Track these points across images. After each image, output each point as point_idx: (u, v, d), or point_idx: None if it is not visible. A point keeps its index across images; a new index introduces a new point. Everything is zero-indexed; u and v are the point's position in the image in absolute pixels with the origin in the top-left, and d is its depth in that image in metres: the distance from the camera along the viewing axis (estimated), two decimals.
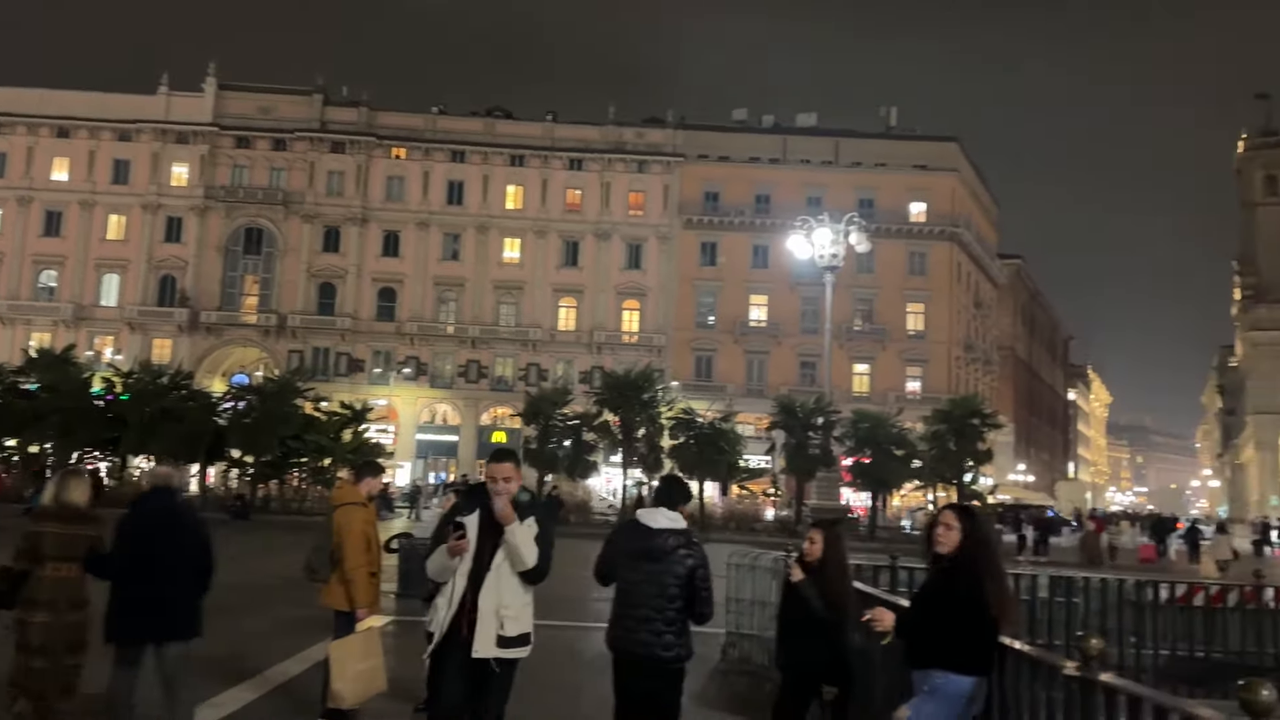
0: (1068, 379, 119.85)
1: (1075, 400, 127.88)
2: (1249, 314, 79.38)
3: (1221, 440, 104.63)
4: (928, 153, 65.45)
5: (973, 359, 67.84)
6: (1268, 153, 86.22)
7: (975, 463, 37.63)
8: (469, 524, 4.74)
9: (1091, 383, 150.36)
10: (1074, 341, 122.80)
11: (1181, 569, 31.82)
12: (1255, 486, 77.85)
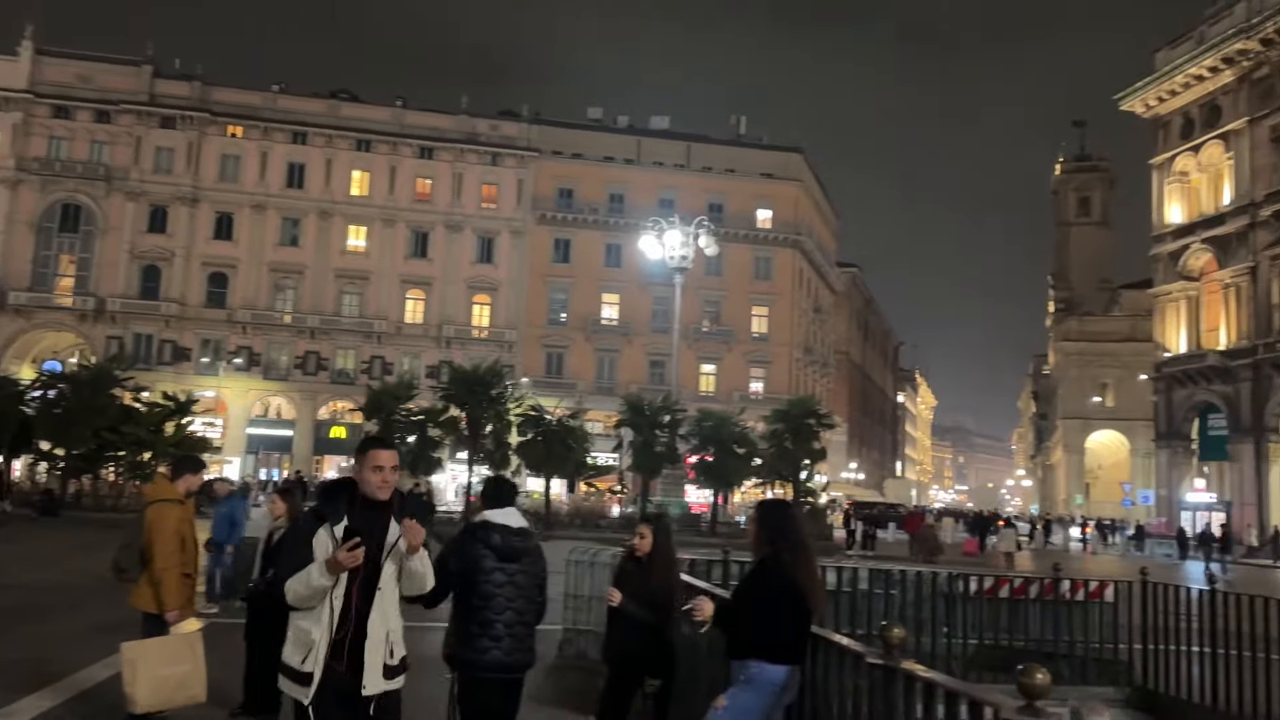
0: (897, 382, 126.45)
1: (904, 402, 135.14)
2: (1061, 325, 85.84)
3: (1034, 442, 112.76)
4: (774, 162, 67.61)
5: (811, 361, 70.51)
6: (1080, 176, 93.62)
7: (811, 461, 39.04)
8: (339, 532, 3.82)
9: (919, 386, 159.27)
10: (904, 347, 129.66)
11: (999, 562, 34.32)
12: (1063, 486, 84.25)
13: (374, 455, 3.93)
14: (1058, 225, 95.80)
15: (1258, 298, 43.88)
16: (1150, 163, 51.77)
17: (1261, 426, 42.88)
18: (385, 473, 3.91)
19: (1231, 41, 45.20)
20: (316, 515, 3.94)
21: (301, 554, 3.82)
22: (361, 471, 3.94)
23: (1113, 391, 77.94)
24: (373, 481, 3.90)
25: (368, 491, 3.91)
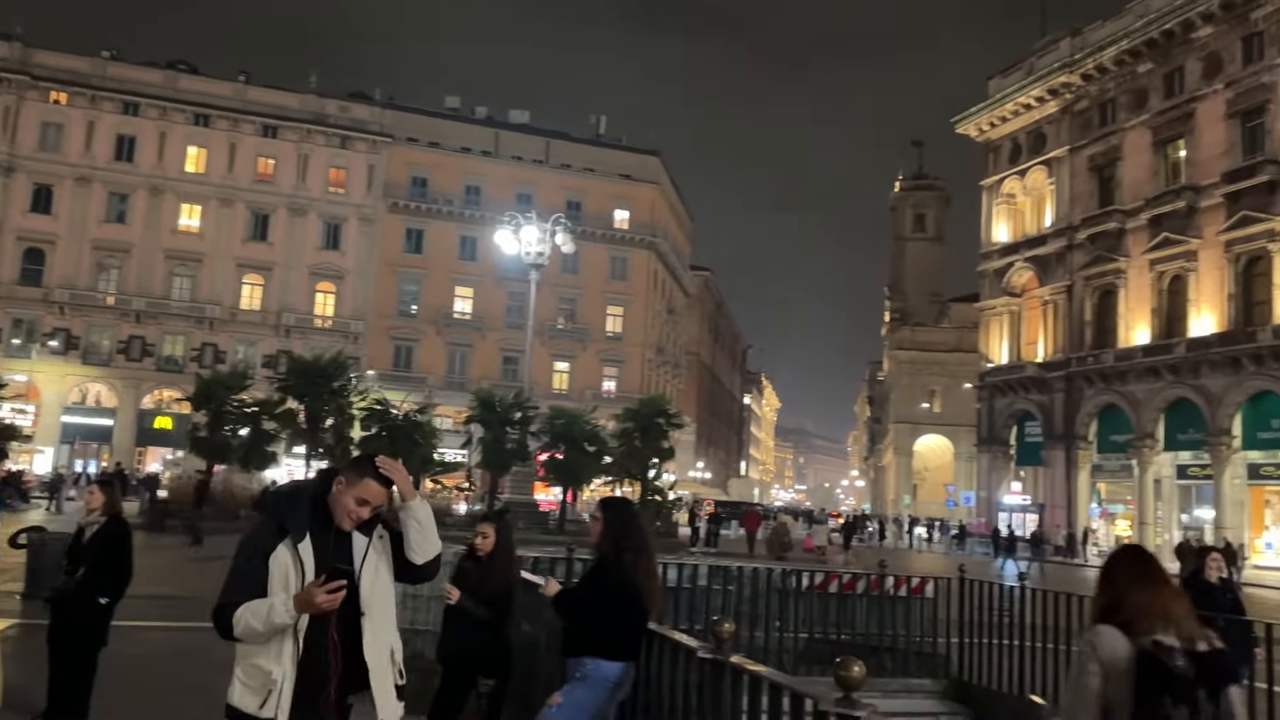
0: (744, 384, 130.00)
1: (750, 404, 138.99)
2: (895, 334, 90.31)
3: (868, 445, 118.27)
4: (632, 164, 68.23)
5: (663, 362, 71.56)
6: (917, 194, 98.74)
7: (659, 459, 39.58)
8: (305, 554, 3.25)
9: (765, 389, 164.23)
10: (752, 350, 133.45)
11: (837, 558, 35.94)
12: (892, 486, 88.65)
13: (366, 487, 3.34)
14: (895, 240, 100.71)
15: (1072, 314, 47.44)
16: (981, 184, 55.14)
17: (1072, 434, 46.38)
18: (366, 510, 3.36)
19: (1056, 74, 48.69)
20: (276, 527, 3.30)
21: (253, 572, 3.20)
22: (341, 495, 3.33)
23: (940, 398, 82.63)
24: (350, 512, 3.33)
25: (335, 516, 3.34)
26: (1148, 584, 3.23)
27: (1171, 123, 42.77)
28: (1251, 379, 37.35)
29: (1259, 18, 38.93)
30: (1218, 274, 39.79)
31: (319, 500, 3.37)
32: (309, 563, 3.24)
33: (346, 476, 3.37)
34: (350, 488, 3.34)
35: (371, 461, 3.41)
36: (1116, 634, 3.12)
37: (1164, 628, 3.07)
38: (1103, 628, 3.19)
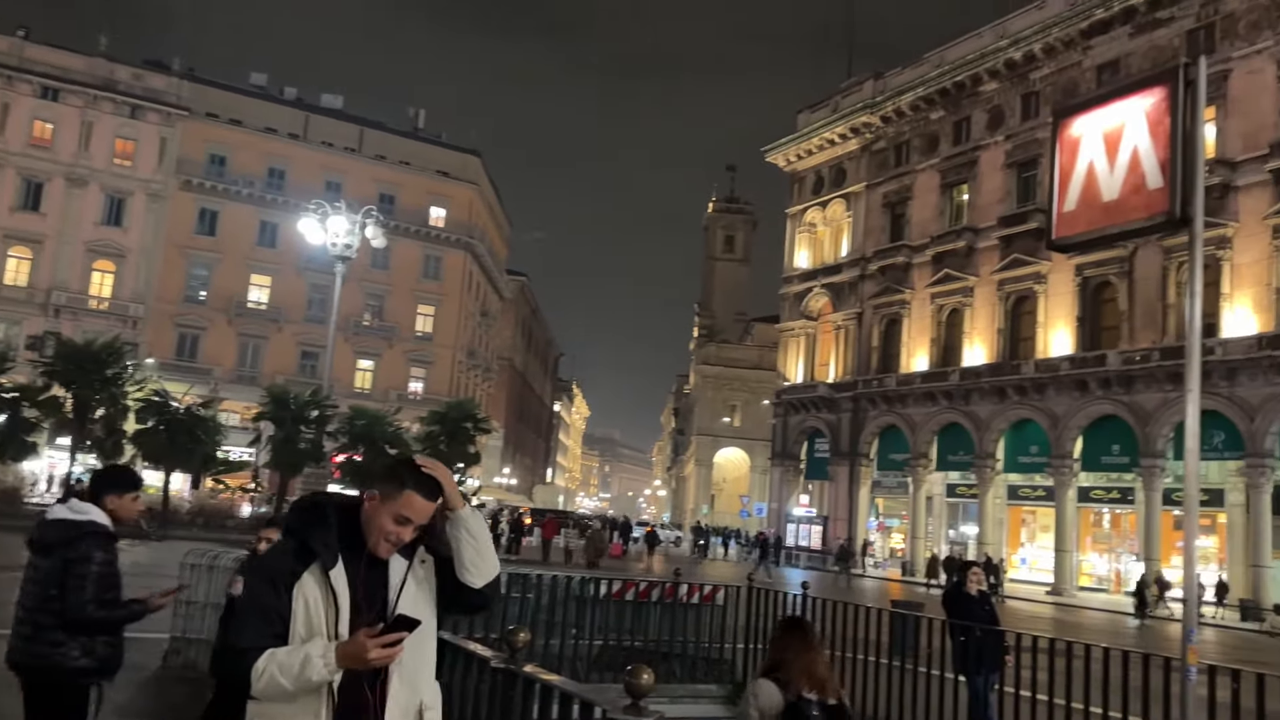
0: (555, 391, 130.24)
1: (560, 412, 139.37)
2: (702, 350, 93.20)
3: (672, 455, 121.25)
4: (451, 161, 67.02)
5: (474, 365, 70.56)
6: (728, 216, 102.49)
7: (465, 464, 38.97)
8: (339, 584, 2.64)
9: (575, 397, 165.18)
10: (564, 358, 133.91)
11: (642, 565, 36.65)
12: (692, 496, 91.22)
13: (408, 502, 2.69)
14: (706, 259, 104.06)
15: (861, 340, 50.60)
16: (786, 211, 57.93)
17: (856, 452, 49.39)
18: (409, 531, 2.72)
19: (859, 114, 51.91)
20: (300, 549, 2.66)
21: (272, 608, 2.58)
22: (376, 513, 2.71)
23: (741, 413, 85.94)
24: (388, 534, 2.70)
25: (369, 540, 2.71)
26: (804, 650, 4.17)
27: (957, 168, 46.51)
28: (1015, 408, 41.05)
29: (1037, 78, 43.03)
30: (990, 310, 43.54)
31: (347, 516, 2.74)
32: (343, 596, 2.61)
33: (381, 489, 2.72)
34: (387, 503, 2.69)
35: (411, 468, 2.75)
36: (773, 687, 4.06)
37: (809, 686, 4.04)
38: (764, 681, 4.14)
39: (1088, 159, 4.26)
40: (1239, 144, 34.22)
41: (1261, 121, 33.74)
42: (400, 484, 2.71)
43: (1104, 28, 39.91)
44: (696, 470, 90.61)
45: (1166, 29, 37.61)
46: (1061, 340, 40.04)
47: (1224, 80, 34.82)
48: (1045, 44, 42.17)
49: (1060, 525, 38.63)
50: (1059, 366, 39.03)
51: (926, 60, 49.16)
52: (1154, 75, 4.20)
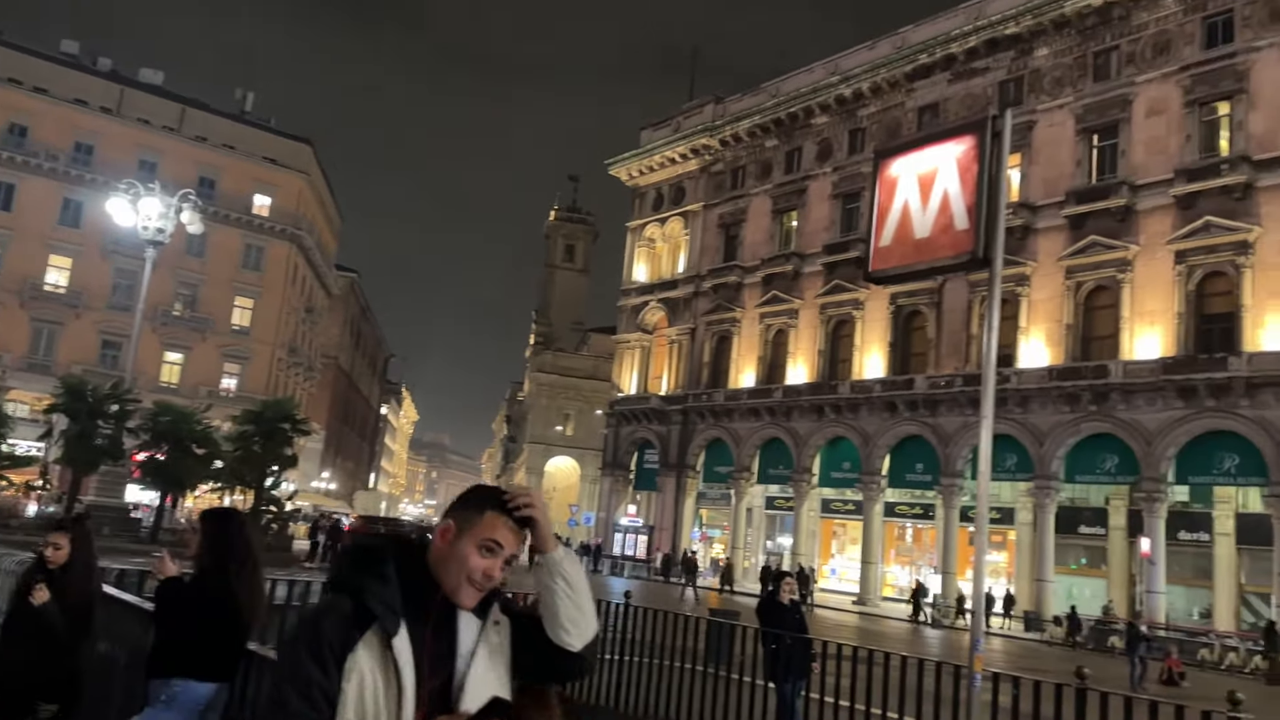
0: (383, 394, 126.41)
1: (387, 415, 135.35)
2: (538, 357, 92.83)
3: (502, 463, 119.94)
4: (281, 148, 64.07)
5: (295, 363, 67.55)
6: (569, 226, 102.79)
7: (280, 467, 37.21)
8: (402, 655, 2.04)
9: (404, 400, 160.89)
10: (395, 359, 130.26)
11: None
12: None
13: (493, 525, 2.17)
14: (546, 266, 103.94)
15: (694, 355, 51.86)
16: (627, 225, 58.70)
17: (684, 464, 50.51)
18: (497, 566, 2.17)
19: (699, 136, 53.32)
20: (352, 610, 2.05)
21: (315, 683, 1.99)
22: (457, 544, 2.15)
23: (573, 422, 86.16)
24: (476, 571, 2.14)
25: (448, 583, 2.14)
26: None
27: (788, 195, 48.52)
28: (831, 425, 43.09)
29: (864, 115, 45.50)
30: (813, 332, 45.58)
31: (408, 561, 2.16)
32: (408, 672, 2.03)
33: (456, 516, 2.20)
34: (466, 532, 2.15)
35: (494, 491, 2.24)
36: None
37: None
38: None
39: (904, 198, 4.57)
40: (1040, 189, 37.33)
41: (1061, 170, 36.94)
42: (479, 507, 2.19)
43: (926, 72, 42.70)
44: (527, 478, 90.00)
45: (981, 78, 40.63)
46: (875, 364, 42.39)
47: (1029, 130, 37.93)
48: (872, 83, 44.69)
49: (867, 538, 40.79)
50: (872, 388, 41.27)
51: (764, 90, 51.08)
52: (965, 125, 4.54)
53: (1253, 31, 32.38)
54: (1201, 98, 33.53)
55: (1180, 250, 32.71)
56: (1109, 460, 33.62)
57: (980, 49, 40.45)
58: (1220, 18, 33.47)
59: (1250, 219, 31.17)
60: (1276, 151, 30.91)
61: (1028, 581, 35.51)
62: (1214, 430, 30.77)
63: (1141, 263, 33.71)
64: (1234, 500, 32.26)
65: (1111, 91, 35.94)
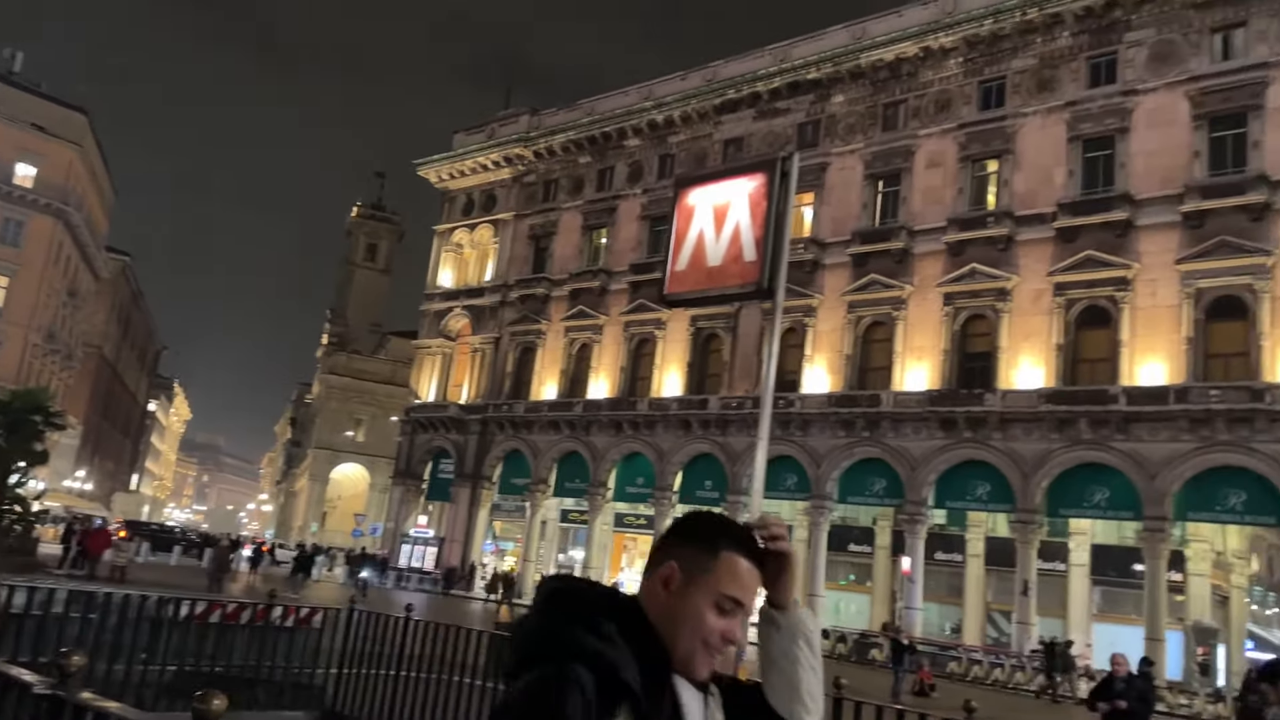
0: (152, 389, 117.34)
1: (155, 412, 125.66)
2: (330, 359, 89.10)
3: (284, 468, 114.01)
4: (52, 115, 58.49)
5: (53, 350, 61.56)
6: (373, 224, 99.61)
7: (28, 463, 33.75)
8: None
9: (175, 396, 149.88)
10: (167, 352, 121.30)
11: (239, 584, 33.75)
12: (302, 513, 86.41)
13: (732, 569, 1.70)
14: (345, 264, 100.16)
15: (496, 364, 51.39)
16: (435, 228, 57.52)
17: (480, 475, 49.84)
18: (736, 623, 1.71)
19: (513, 146, 53.11)
20: (602, 686, 1.51)
21: None
22: (686, 601, 1.67)
23: (365, 428, 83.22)
24: (712, 634, 1.67)
25: (680, 649, 1.66)
26: None
27: (599, 213, 49.18)
28: (628, 441, 43.86)
29: (674, 142, 46.85)
30: (616, 348, 46.31)
31: (625, 616, 1.65)
32: None
33: (681, 556, 1.71)
34: (697, 582, 1.68)
35: (726, 524, 1.76)
36: None
37: None
38: None
39: (699, 226, 4.76)
40: (830, 228, 39.71)
41: (849, 211, 39.46)
42: (710, 544, 1.71)
43: (733, 107, 44.56)
44: (310, 485, 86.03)
45: (783, 118, 42.83)
46: (674, 382, 43.59)
47: (823, 171, 40.33)
48: (683, 112, 46.15)
49: None
50: (669, 406, 42.40)
51: (580, 107, 51.63)
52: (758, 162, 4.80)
53: (1021, 99, 35.95)
54: (974, 155, 36.83)
55: (949, 293, 35.70)
56: (878, 483, 36.08)
57: (783, 90, 42.65)
58: (995, 83, 36.94)
59: (1010, 268, 34.47)
60: (1035, 209, 34.37)
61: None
62: (970, 459, 33.69)
63: (915, 302, 36.53)
64: (985, 524, 35.44)
65: (897, 142, 38.83)
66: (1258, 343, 28.97)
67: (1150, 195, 31.87)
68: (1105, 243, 32.31)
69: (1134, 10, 33.60)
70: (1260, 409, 27.90)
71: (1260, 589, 35.92)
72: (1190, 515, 29.97)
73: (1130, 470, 30.10)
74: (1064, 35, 35.19)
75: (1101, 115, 33.78)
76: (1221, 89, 31.40)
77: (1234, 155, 30.91)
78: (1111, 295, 32.09)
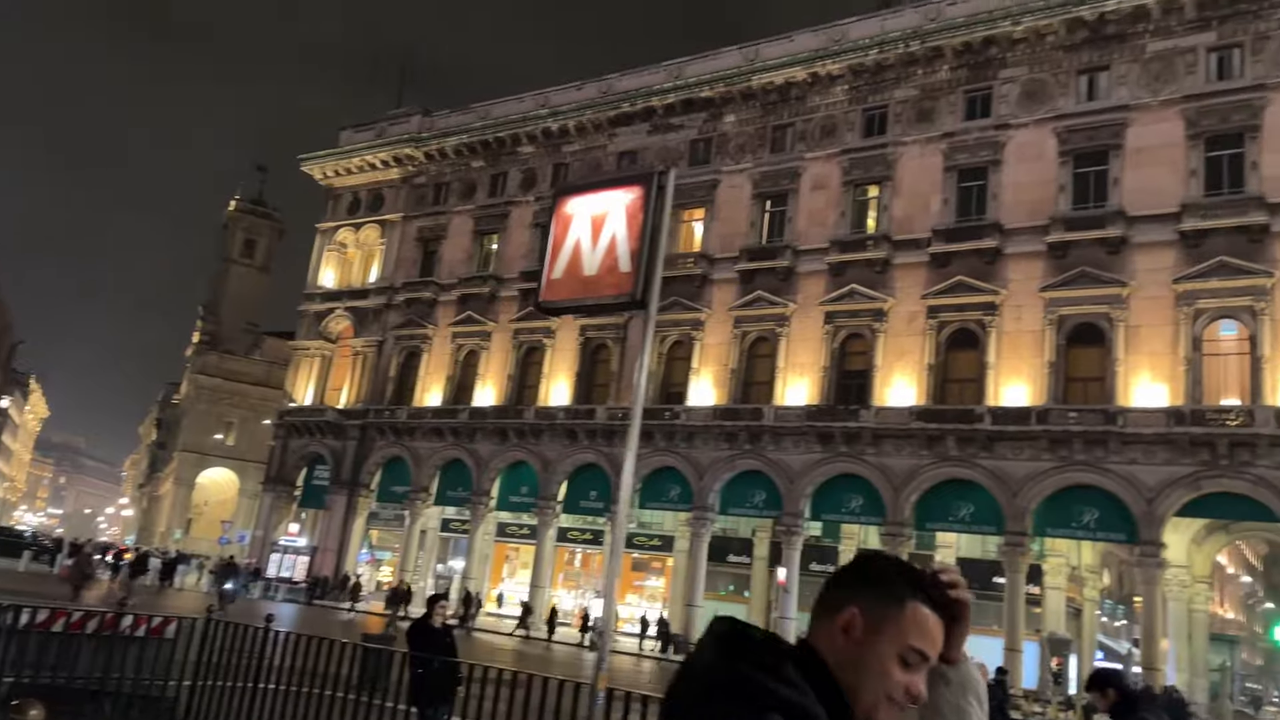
0: (5, 384, 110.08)
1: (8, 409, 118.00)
2: (201, 358, 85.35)
3: (147, 471, 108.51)
4: None
5: None
6: (252, 219, 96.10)
7: None
8: None
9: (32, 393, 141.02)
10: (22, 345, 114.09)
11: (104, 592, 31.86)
12: (166, 518, 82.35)
13: (917, 620, 1.60)
14: (222, 259, 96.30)
15: (379, 368, 50.17)
16: (318, 226, 55.85)
17: (357, 481, 48.49)
18: (919, 677, 1.61)
19: (403, 146, 52.11)
20: None
21: None
22: (874, 643, 1.58)
23: (237, 431, 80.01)
24: (896, 687, 1.57)
25: (865, 701, 1.56)
26: None
27: (490, 218, 48.70)
28: (513, 449, 43.46)
29: (568, 152, 46.84)
30: (504, 355, 45.87)
31: (803, 661, 1.55)
32: None
33: (864, 603, 1.61)
34: (887, 631, 1.59)
35: (909, 571, 1.66)
36: None
37: None
38: None
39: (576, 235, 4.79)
40: (719, 244, 40.38)
41: (737, 228, 40.20)
42: (895, 593, 1.61)
43: (627, 120, 44.88)
44: (175, 489, 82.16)
45: (676, 134, 43.38)
46: (561, 391, 43.45)
47: (714, 188, 41.02)
48: (578, 122, 46.22)
49: (538, 563, 41.47)
50: (556, 415, 42.23)
51: (473, 110, 51.11)
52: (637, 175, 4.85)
53: (902, 128, 37.38)
54: (857, 180, 38.09)
55: (829, 311, 36.76)
56: (758, 495, 36.78)
57: (677, 106, 43.22)
58: (878, 111, 38.31)
59: (886, 290, 35.74)
60: (912, 234, 35.74)
61: (681, 606, 37.79)
62: (845, 473, 34.70)
63: (797, 319, 37.47)
64: (858, 537, 36.55)
65: (785, 163, 39.82)
66: (1113, 368, 30.83)
67: (1018, 225, 33.58)
68: (976, 269, 33.87)
69: (1009, 49, 35.42)
70: (1113, 431, 29.66)
71: (1110, 602, 38.16)
72: (1048, 531, 31.60)
73: (993, 487, 31.55)
74: (943, 69, 36.80)
75: (976, 147, 35.44)
76: (1085, 128, 33.39)
77: (1096, 190, 32.88)
78: (980, 319, 33.63)
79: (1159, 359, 30.29)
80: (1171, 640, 33.67)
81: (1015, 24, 34.94)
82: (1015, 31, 35.03)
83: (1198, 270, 30.02)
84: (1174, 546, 31.83)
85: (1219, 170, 30.96)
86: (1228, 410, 28.66)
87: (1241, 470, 27.95)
